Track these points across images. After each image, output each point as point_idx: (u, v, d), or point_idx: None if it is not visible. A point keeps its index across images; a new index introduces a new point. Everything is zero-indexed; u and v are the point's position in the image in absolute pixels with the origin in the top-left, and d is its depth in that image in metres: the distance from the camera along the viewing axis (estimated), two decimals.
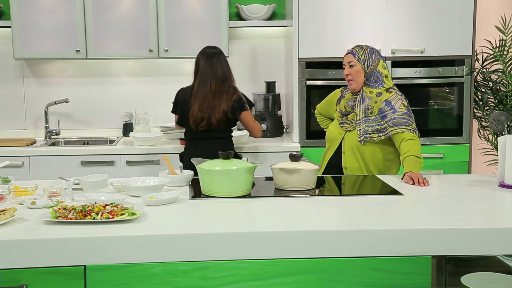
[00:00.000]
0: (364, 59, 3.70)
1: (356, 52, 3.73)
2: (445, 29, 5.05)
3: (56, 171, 4.76)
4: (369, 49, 3.75)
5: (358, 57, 3.71)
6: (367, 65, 3.70)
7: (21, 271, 2.39)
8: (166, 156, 3.56)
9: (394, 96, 3.69)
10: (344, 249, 2.50)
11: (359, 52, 3.73)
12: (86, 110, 5.59)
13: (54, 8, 5.11)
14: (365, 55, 3.71)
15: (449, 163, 5.14)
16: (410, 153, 3.47)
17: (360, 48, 3.75)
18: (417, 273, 2.52)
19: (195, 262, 2.46)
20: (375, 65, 3.72)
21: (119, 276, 2.44)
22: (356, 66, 3.71)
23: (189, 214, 2.83)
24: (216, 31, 5.19)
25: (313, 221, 2.71)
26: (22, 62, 5.46)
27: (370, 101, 3.68)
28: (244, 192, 3.07)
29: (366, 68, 3.70)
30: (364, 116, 3.68)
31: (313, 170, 3.24)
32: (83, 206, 2.64)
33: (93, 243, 2.42)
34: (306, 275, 2.50)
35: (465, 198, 3.09)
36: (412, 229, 2.53)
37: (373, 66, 3.71)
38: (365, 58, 3.70)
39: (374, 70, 3.72)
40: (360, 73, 3.71)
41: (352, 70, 3.72)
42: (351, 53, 3.74)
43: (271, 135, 5.40)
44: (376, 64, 3.72)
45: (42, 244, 2.40)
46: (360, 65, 3.70)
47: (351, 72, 3.72)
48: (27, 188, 3.08)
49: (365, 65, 3.70)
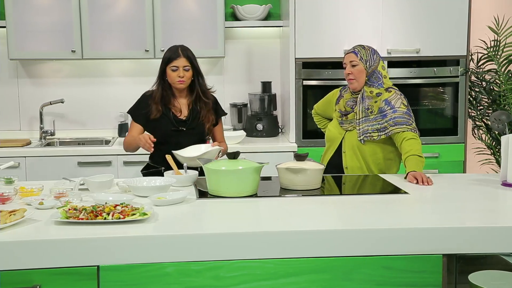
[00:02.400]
0: (366, 59, 3.70)
1: (358, 52, 3.72)
2: (440, 29, 5.09)
3: (53, 172, 4.75)
4: (371, 49, 3.75)
5: (360, 56, 3.70)
6: (369, 65, 3.70)
7: (34, 272, 2.39)
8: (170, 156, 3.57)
9: (394, 95, 3.70)
10: (355, 248, 2.52)
11: (361, 51, 3.72)
12: (81, 110, 5.56)
13: (50, 8, 5.08)
14: (367, 54, 3.71)
15: (445, 163, 5.17)
16: (412, 153, 3.49)
17: (362, 48, 3.75)
18: (428, 272, 2.54)
19: (208, 261, 2.47)
20: (376, 65, 3.72)
21: (132, 276, 2.44)
22: (358, 66, 3.70)
23: (199, 214, 2.84)
24: (212, 31, 5.19)
25: (324, 220, 2.72)
26: (16, 62, 5.42)
27: (370, 100, 3.70)
28: (251, 192, 3.07)
29: (368, 68, 3.70)
30: (364, 116, 3.69)
31: (319, 169, 3.25)
32: (93, 207, 2.64)
33: (106, 244, 2.42)
34: (318, 274, 2.51)
35: (470, 197, 3.12)
36: (423, 228, 2.56)
37: (374, 66, 3.71)
38: (367, 57, 3.70)
39: (375, 70, 3.72)
40: (362, 73, 3.70)
41: (354, 70, 3.71)
42: (353, 53, 3.73)
43: (267, 135, 5.41)
44: (377, 65, 3.73)
45: (55, 244, 2.40)
46: (363, 65, 3.69)
47: (353, 71, 3.71)
48: (32, 188, 3.07)
49: (367, 64, 3.70)
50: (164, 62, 3.87)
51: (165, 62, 3.86)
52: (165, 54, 3.90)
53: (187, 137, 3.85)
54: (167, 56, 3.87)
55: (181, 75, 3.82)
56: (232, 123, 5.55)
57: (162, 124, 3.85)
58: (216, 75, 5.61)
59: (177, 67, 3.81)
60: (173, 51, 3.87)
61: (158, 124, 3.86)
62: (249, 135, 5.35)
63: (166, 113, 3.86)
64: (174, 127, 3.85)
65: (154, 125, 3.87)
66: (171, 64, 3.82)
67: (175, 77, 3.82)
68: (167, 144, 3.76)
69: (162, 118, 3.86)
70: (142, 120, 3.90)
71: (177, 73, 3.82)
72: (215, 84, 5.54)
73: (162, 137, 3.80)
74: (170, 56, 3.84)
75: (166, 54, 3.89)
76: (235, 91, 5.64)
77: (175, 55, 3.84)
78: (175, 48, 3.89)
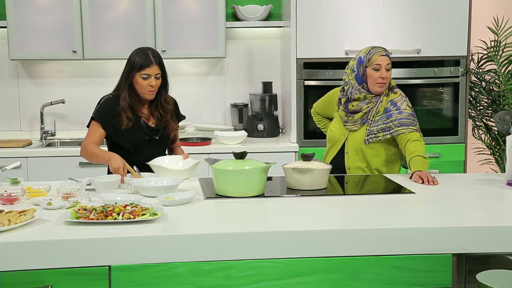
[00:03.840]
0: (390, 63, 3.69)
1: (389, 56, 3.67)
2: (441, 29, 5.10)
3: (55, 172, 4.74)
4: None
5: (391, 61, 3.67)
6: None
7: (46, 272, 2.39)
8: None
9: (400, 97, 3.71)
10: (365, 247, 2.53)
11: (389, 55, 3.68)
12: (81, 110, 5.53)
13: (51, 8, 5.08)
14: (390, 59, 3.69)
15: (445, 163, 5.19)
16: (417, 153, 3.49)
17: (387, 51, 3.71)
18: (438, 271, 2.56)
19: (219, 261, 2.48)
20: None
21: (143, 276, 2.44)
22: (390, 71, 3.65)
23: (208, 214, 2.84)
24: (214, 31, 5.19)
25: (333, 220, 2.74)
26: (16, 63, 5.41)
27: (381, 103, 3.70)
28: (258, 192, 3.08)
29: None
30: (373, 116, 3.68)
31: (325, 169, 3.26)
32: (103, 207, 2.64)
33: (118, 244, 2.42)
34: (328, 274, 2.52)
35: (477, 197, 3.14)
36: (432, 227, 2.57)
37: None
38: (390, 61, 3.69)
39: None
40: (390, 78, 3.69)
41: (388, 74, 3.64)
42: (387, 56, 3.66)
43: (268, 135, 5.42)
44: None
45: (67, 244, 2.40)
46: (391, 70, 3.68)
47: (387, 76, 3.64)
48: (40, 189, 3.06)
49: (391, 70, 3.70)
50: (133, 68, 3.52)
51: (135, 68, 3.51)
52: (135, 59, 3.54)
53: (159, 146, 3.67)
54: (137, 62, 3.51)
55: (152, 83, 3.51)
56: (233, 123, 5.56)
57: (134, 133, 3.58)
58: (216, 75, 5.61)
59: (149, 75, 3.50)
60: (145, 57, 3.52)
61: (129, 134, 3.58)
62: (249, 135, 5.35)
63: (137, 122, 3.59)
64: (147, 136, 3.61)
65: (124, 135, 3.58)
66: (142, 72, 3.49)
67: (145, 86, 3.51)
68: (139, 155, 3.57)
69: (133, 127, 3.57)
70: (110, 129, 3.58)
71: (148, 82, 3.50)
72: (215, 85, 5.64)
73: (133, 147, 3.59)
74: (142, 63, 3.50)
75: (135, 58, 3.53)
76: (236, 91, 5.64)
77: (148, 62, 3.50)
78: (145, 53, 3.55)
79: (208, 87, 5.64)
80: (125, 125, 3.55)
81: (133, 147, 3.60)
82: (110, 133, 3.61)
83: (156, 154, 3.58)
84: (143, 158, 3.52)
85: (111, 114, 3.57)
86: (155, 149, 3.63)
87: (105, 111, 3.60)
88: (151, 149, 3.61)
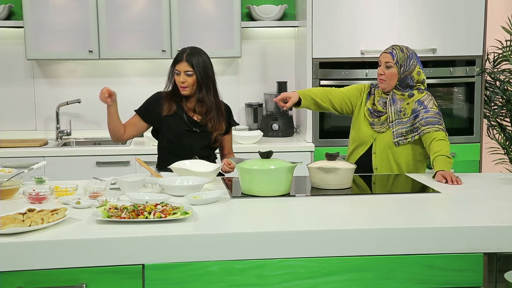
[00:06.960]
0: (402, 64, 3.63)
1: (395, 54, 3.64)
2: (456, 29, 5.11)
3: (72, 171, 4.75)
4: (409, 53, 3.67)
5: (396, 59, 3.63)
6: (403, 70, 3.64)
7: (80, 270, 2.39)
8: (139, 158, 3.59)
9: (426, 96, 3.70)
10: (397, 246, 2.54)
11: (399, 54, 3.64)
12: (97, 110, 5.53)
13: (67, 8, 5.09)
14: (403, 59, 3.64)
15: (460, 162, 5.18)
16: (441, 153, 3.48)
17: (400, 51, 3.66)
18: (469, 270, 2.56)
19: (252, 260, 2.48)
20: (411, 71, 3.66)
21: (176, 274, 2.45)
22: (392, 69, 3.63)
23: (237, 213, 2.85)
24: (229, 31, 5.20)
25: (363, 219, 2.74)
26: (32, 62, 5.42)
27: (402, 103, 3.67)
28: (284, 191, 3.08)
29: (401, 74, 3.64)
30: (396, 118, 3.67)
31: (350, 169, 3.26)
32: (134, 206, 2.64)
33: (151, 242, 2.43)
34: (360, 273, 2.53)
35: (502, 196, 3.13)
36: (463, 227, 2.58)
37: (408, 72, 3.65)
38: (402, 62, 3.63)
39: (408, 76, 3.66)
40: (394, 77, 3.65)
41: (387, 72, 3.64)
42: (391, 54, 3.65)
43: (282, 135, 5.42)
44: (412, 70, 3.66)
45: (100, 243, 2.41)
46: (396, 69, 3.63)
47: (386, 73, 3.64)
48: (67, 188, 3.07)
49: (401, 70, 3.64)
50: (172, 63, 3.76)
51: (173, 63, 3.75)
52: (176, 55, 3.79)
53: (200, 140, 3.76)
54: (175, 58, 3.76)
55: (182, 80, 3.67)
56: (248, 123, 5.56)
57: (175, 123, 3.74)
58: (231, 75, 5.62)
59: (179, 72, 3.68)
60: (179, 53, 3.73)
61: (171, 123, 3.74)
62: (264, 135, 5.36)
63: (179, 112, 3.76)
64: (187, 127, 3.75)
65: (166, 123, 3.74)
66: (175, 67, 3.71)
67: (178, 82, 3.70)
68: (179, 147, 3.72)
69: (175, 116, 3.75)
70: (152, 119, 3.78)
71: (179, 78, 3.68)
72: (230, 84, 5.64)
73: (174, 138, 3.74)
74: (175, 60, 3.73)
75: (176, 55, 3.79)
76: (251, 91, 5.65)
77: (178, 58, 3.70)
78: (183, 50, 3.75)
79: (223, 87, 5.50)
80: (167, 111, 3.74)
81: (174, 136, 3.75)
82: (152, 122, 3.82)
83: (197, 148, 3.73)
84: (185, 149, 3.70)
85: (156, 104, 3.78)
86: (195, 142, 3.75)
87: (148, 103, 3.85)
88: (192, 141, 3.75)
